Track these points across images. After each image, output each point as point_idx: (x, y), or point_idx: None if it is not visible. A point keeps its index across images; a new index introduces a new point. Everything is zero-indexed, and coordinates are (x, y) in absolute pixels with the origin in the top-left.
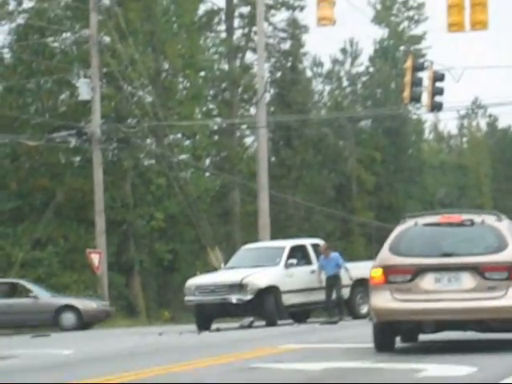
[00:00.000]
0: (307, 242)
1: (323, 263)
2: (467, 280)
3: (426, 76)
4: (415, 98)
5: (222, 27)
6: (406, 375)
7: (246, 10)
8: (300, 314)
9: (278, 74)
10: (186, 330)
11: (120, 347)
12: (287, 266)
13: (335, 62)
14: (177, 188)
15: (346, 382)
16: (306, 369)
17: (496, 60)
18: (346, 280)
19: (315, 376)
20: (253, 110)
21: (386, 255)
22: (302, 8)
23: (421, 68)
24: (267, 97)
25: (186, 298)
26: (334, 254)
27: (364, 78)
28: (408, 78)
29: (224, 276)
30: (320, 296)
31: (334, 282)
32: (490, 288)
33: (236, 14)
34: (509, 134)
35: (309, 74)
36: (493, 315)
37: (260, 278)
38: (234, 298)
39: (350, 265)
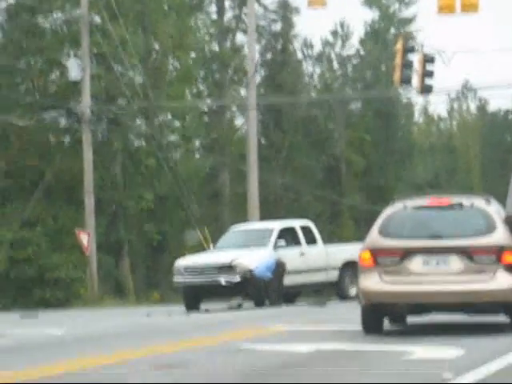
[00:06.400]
0: (296, 223)
1: None
2: (455, 263)
3: (416, 59)
4: (405, 81)
5: (213, 8)
6: (394, 357)
7: None
8: (288, 295)
9: (269, 56)
10: (175, 310)
11: (109, 327)
12: (276, 247)
13: (326, 44)
14: (166, 169)
15: (333, 364)
16: (293, 350)
17: (486, 43)
18: (334, 262)
19: (302, 358)
20: (243, 92)
21: (374, 237)
22: None
23: (411, 50)
24: (257, 78)
25: (175, 279)
26: None
27: (354, 61)
28: (398, 61)
29: (213, 257)
30: (308, 278)
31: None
32: (478, 271)
33: None
34: (498, 117)
35: (299, 55)
36: (481, 298)
37: (249, 259)
38: (223, 280)
39: (339, 246)
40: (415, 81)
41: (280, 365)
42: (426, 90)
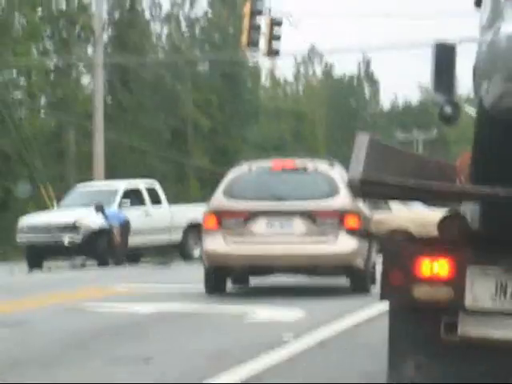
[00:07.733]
0: (141, 183)
1: None
2: (299, 225)
3: (264, 22)
4: (253, 43)
5: None
6: (235, 318)
7: None
8: (132, 255)
9: (116, 15)
10: (17, 268)
11: None
12: (121, 206)
13: (174, 4)
14: (11, 126)
15: (171, 325)
16: (133, 311)
17: (334, 9)
18: (178, 223)
19: (143, 318)
20: (90, 50)
21: (219, 199)
22: None
23: (259, 13)
24: (105, 37)
25: (19, 238)
26: None
27: (203, 22)
28: (246, 23)
29: (57, 216)
30: (152, 238)
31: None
32: (321, 234)
33: None
34: (344, 82)
35: (147, 15)
36: (322, 261)
37: (93, 219)
38: (66, 239)
39: (183, 207)
40: (262, 44)
41: (117, 325)
42: (272, 53)
